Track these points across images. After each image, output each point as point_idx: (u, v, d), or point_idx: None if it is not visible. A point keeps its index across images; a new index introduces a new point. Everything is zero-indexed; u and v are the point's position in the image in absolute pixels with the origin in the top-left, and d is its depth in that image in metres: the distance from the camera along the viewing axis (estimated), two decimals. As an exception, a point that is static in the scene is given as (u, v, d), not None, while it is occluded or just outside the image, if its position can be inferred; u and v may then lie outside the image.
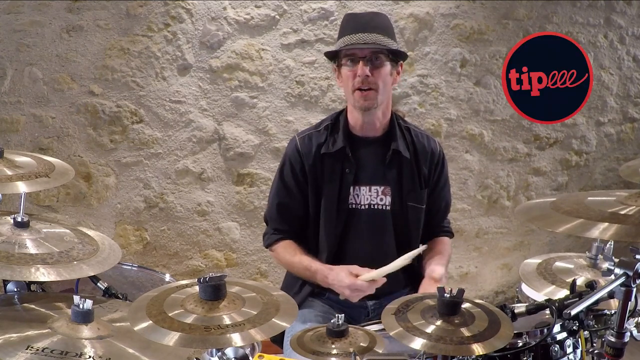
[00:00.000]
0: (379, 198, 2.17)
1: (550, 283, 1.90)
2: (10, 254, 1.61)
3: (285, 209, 2.22)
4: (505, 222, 3.79)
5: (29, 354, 1.34)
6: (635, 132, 3.91)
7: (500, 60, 3.49)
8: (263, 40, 3.18)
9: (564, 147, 3.80)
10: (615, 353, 1.50)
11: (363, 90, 2.06)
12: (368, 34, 2.04)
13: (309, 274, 2.14)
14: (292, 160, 2.19)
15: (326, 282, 2.08)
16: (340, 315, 1.52)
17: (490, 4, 3.45)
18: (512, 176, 3.73)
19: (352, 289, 2.00)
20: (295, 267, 2.19)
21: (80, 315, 1.46)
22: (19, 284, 1.76)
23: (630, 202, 1.68)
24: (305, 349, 1.48)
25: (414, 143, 2.20)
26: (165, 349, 1.41)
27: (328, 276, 2.07)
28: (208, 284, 1.39)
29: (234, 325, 1.33)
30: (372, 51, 2.04)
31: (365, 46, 2.04)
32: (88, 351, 1.38)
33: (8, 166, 1.82)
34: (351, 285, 1.99)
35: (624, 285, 1.45)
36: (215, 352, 1.37)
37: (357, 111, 2.13)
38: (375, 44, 2.03)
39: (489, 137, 3.62)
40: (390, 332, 1.42)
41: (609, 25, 3.67)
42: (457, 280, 3.77)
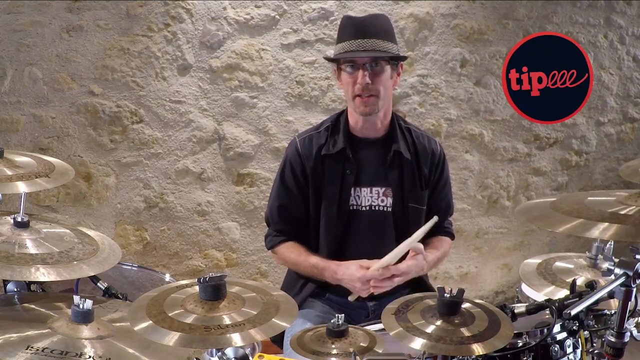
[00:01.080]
0: (380, 199, 2.17)
1: (550, 283, 1.90)
2: (10, 254, 1.61)
3: (286, 210, 2.22)
4: (505, 222, 3.79)
5: (29, 354, 1.34)
6: (635, 132, 3.91)
7: (500, 60, 3.49)
8: (263, 40, 3.18)
9: (564, 147, 3.80)
10: (615, 353, 1.50)
11: (364, 97, 2.05)
12: (367, 40, 2.03)
13: (316, 272, 2.13)
14: (293, 162, 2.18)
15: (335, 278, 2.07)
16: (340, 315, 1.52)
17: (490, 4, 3.45)
18: (512, 176, 3.73)
19: (363, 282, 1.99)
20: (301, 266, 2.18)
21: (80, 315, 1.46)
22: (19, 284, 1.76)
23: (630, 202, 1.68)
24: (305, 349, 1.48)
25: (414, 144, 2.20)
26: (165, 349, 1.41)
27: (337, 271, 2.06)
28: (208, 284, 1.39)
29: (234, 325, 1.33)
30: (372, 58, 2.03)
31: (365, 54, 2.03)
32: (88, 351, 1.38)
33: (8, 166, 1.82)
34: (362, 278, 1.99)
35: (624, 285, 1.45)
36: (215, 352, 1.37)
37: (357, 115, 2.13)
38: (375, 51, 2.03)
39: (489, 137, 3.62)
40: (390, 332, 1.42)
41: (609, 25, 3.67)
42: (457, 280, 3.77)
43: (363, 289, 2.01)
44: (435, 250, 2.21)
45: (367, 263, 2.02)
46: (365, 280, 1.99)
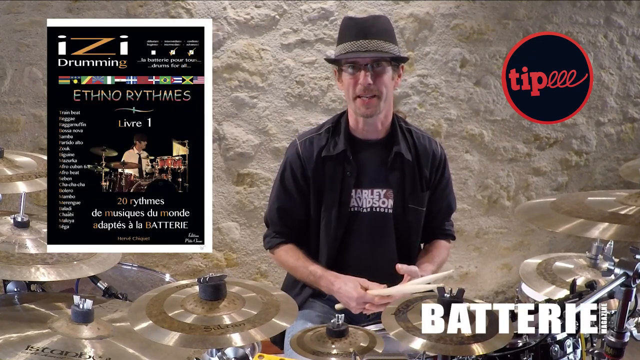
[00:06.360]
0: (381, 201, 2.16)
1: (550, 283, 1.90)
2: (10, 254, 1.61)
3: (286, 213, 2.21)
4: (505, 222, 3.79)
5: (29, 354, 1.34)
6: (635, 132, 3.92)
7: (500, 60, 3.49)
8: (263, 40, 3.18)
9: (564, 147, 3.80)
10: (615, 353, 1.50)
11: (365, 98, 2.05)
12: (369, 41, 2.02)
13: (312, 279, 2.12)
14: (293, 165, 2.18)
15: (331, 289, 2.06)
16: (340, 315, 1.52)
17: (490, 4, 3.45)
18: (512, 176, 3.73)
19: (359, 302, 1.97)
20: (298, 271, 2.18)
21: (80, 315, 1.46)
22: (19, 284, 1.76)
23: (630, 202, 1.68)
24: (305, 349, 1.48)
25: (415, 145, 2.20)
26: (165, 349, 1.41)
27: (334, 283, 2.05)
28: (208, 284, 1.39)
29: (234, 325, 1.33)
30: (374, 59, 2.03)
31: (367, 54, 2.02)
32: (88, 351, 1.38)
33: (8, 166, 1.82)
34: (359, 299, 1.97)
35: (624, 285, 1.45)
36: (215, 352, 1.37)
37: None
38: (377, 52, 2.02)
39: (489, 137, 3.62)
40: (390, 332, 1.42)
41: (609, 25, 3.67)
42: (457, 280, 3.77)
43: (357, 308, 1.99)
44: (431, 265, 2.16)
45: (366, 283, 2.00)
46: (362, 302, 1.97)
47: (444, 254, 2.28)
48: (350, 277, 2.03)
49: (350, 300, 1.99)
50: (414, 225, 2.19)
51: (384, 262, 2.08)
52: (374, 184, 2.16)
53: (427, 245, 2.27)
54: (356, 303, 1.98)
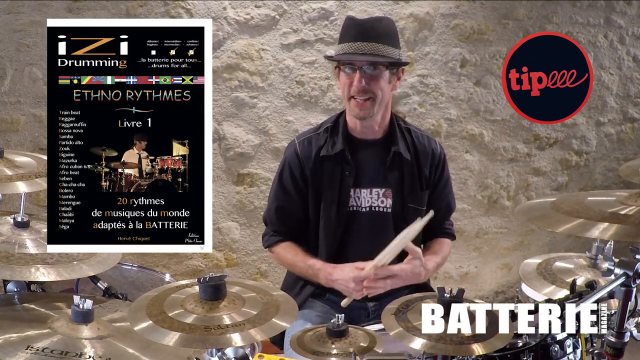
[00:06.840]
0: (379, 200, 2.17)
1: (550, 283, 1.90)
2: (10, 254, 1.61)
3: (284, 212, 2.21)
4: (505, 222, 3.79)
5: (29, 354, 1.34)
6: (635, 132, 3.92)
7: (500, 60, 3.49)
8: (263, 40, 3.18)
9: (564, 147, 3.80)
10: (615, 353, 1.50)
11: (359, 99, 2.04)
12: (367, 44, 2.01)
13: (311, 273, 2.13)
14: (292, 165, 2.18)
15: (329, 280, 2.06)
16: (340, 315, 1.52)
17: (490, 4, 3.45)
18: (512, 176, 3.73)
19: (356, 282, 1.97)
20: (297, 267, 2.18)
21: (80, 315, 1.46)
22: (19, 284, 1.76)
23: (630, 202, 1.68)
24: (305, 349, 1.48)
25: (414, 144, 2.20)
26: (165, 349, 1.41)
27: (332, 273, 2.05)
28: (208, 284, 1.39)
29: (234, 325, 1.33)
30: (370, 62, 2.02)
31: (363, 57, 2.01)
32: (88, 351, 1.38)
33: (8, 166, 1.83)
34: (356, 278, 1.97)
35: (624, 285, 1.45)
36: (215, 352, 1.37)
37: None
38: (374, 55, 2.01)
39: (489, 137, 3.62)
40: (390, 332, 1.42)
41: (609, 25, 3.67)
42: (457, 280, 3.77)
43: (356, 290, 1.99)
44: (435, 256, 2.19)
45: (362, 265, 2.00)
46: (359, 280, 1.97)
47: (446, 249, 2.28)
48: (347, 264, 2.04)
49: (348, 283, 1.99)
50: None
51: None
52: (372, 184, 2.16)
53: (428, 243, 2.26)
54: (354, 283, 1.97)
